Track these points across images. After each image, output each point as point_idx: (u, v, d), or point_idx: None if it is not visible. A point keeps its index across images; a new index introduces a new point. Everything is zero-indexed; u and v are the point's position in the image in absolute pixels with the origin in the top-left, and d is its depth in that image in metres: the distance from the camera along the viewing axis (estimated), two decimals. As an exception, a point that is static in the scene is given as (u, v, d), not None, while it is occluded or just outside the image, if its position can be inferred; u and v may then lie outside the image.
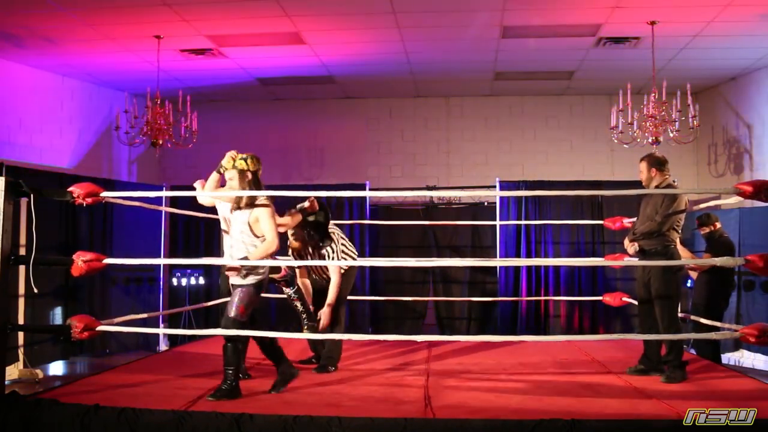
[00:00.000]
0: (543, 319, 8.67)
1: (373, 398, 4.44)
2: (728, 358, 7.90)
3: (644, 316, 5.44)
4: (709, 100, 9.63)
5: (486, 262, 7.74)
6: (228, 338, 4.34)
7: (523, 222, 8.64)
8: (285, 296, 5.32)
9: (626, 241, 5.44)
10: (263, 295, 4.77)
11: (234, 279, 4.43)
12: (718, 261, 4.24)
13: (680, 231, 5.31)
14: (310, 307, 5.41)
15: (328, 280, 5.34)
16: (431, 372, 5.35)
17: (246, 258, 4.37)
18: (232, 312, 4.36)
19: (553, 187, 8.36)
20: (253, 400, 4.36)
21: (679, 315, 5.55)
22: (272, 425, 3.66)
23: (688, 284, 7.36)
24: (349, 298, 8.43)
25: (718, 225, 6.73)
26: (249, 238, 4.41)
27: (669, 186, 5.38)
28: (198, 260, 4.71)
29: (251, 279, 4.38)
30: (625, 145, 7.81)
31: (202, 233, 9.14)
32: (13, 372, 6.72)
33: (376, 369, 5.52)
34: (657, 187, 5.31)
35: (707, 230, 6.74)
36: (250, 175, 4.45)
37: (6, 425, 3.82)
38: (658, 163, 5.35)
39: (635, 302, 7.19)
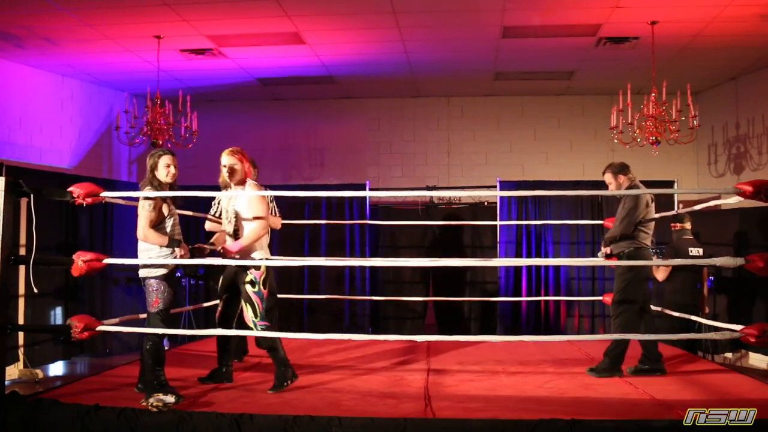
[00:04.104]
0: (543, 319, 8.67)
1: (373, 398, 4.44)
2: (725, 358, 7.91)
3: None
4: (709, 100, 9.63)
5: (486, 262, 7.72)
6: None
7: (523, 222, 8.63)
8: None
9: (602, 245, 5.57)
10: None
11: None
12: (718, 261, 4.23)
13: (648, 230, 5.35)
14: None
15: None
16: (431, 371, 5.35)
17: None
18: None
19: (553, 187, 8.35)
20: (253, 400, 4.37)
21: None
22: (272, 425, 3.67)
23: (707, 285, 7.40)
24: (349, 298, 8.53)
25: (681, 226, 6.96)
26: None
27: (631, 187, 5.40)
28: (198, 260, 4.70)
29: None
30: (625, 145, 7.81)
31: (202, 233, 9.14)
32: (13, 372, 6.72)
33: (376, 369, 5.52)
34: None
35: (674, 227, 7.01)
36: None
37: (6, 425, 3.82)
38: (621, 169, 5.45)
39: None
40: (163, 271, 4.38)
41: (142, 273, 4.44)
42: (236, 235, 4.68)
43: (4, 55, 8.12)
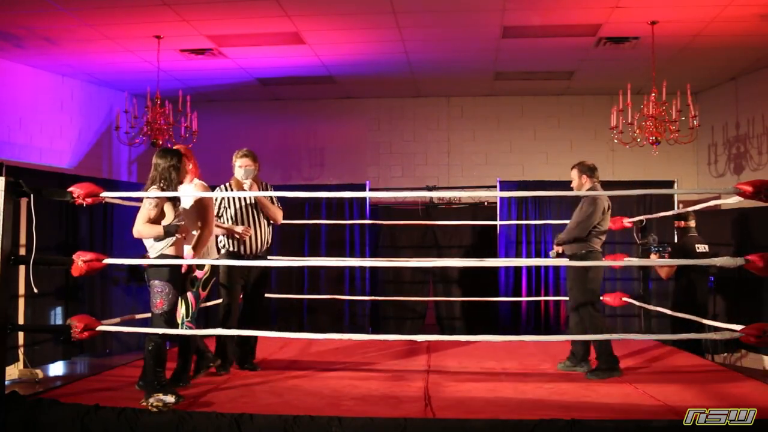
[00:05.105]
0: (543, 319, 8.66)
1: (373, 398, 4.44)
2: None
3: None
4: (709, 100, 9.63)
5: (486, 262, 7.71)
6: None
7: (523, 222, 8.63)
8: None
9: (554, 244, 5.71)
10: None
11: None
12: (718, 261, 4.23)
13: (602, 236, 5.48)
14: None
15: None
16: (431, 372, 5.36)
17: None
18: None
19: (553, 187, 8.33)
20: (253, 400, 4.37)
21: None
22: (272, 425, 3.67)
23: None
24: (349, 298, 8.53)
25: (686, 224, 7.02)
26: None
27: (590, 191, 5.50)
28: (198, 260, 4.70)
29: None
30: (625, 145, 7.81)
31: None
32: (13, 372, 6.72)
33: (376, 369, 5.52)
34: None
35: (678, 225, 7.11)
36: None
37: (6, 425, 3.82)
38: (588, 170, 5.56)
39: (635, 302, 7.24)
40: (168, 273, 4.34)
41: (148, 274, 4.42)
42: None
43: (4, 55, 8.12)
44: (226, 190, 5.38)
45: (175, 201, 4.44)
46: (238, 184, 5.34)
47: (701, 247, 6.89)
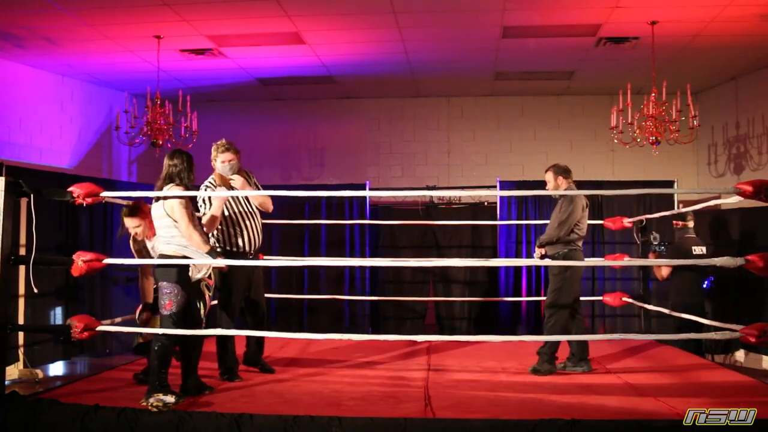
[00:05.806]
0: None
1: (373, 398, 4.44)
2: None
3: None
4: (709, 100, 9.63)
5: (486, 262, 7.72)
6: None
7: (523, 222, 8.63)
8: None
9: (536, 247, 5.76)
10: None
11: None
12: (718, 261, 4.23)
13: (583, 234, 5.55)
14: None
15: None
16: (431, 372, 5.36)
17: None
18: None
19: (552, 187, 8.34)
20: (253, 400, 4.37)
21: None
22: (272, 425, 3.67)
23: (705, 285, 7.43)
24: (349, 298, 8.53)
25: (683, 224, 7.02)
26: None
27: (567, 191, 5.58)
28: (199, 260, 4.70)
29: None
30: (625, 145, 7.81)
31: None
32: (13, 372, 6.72)
33: (376, 369, 5.53)
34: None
35: (676, 225, 7.08)
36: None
37: (6, 425, 3.82)
38: (563, 172, 5.69)
39: (635, 302, 7.24)
40: (175, 274, 4.33)
41: (156, 275, 4.41)
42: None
43: (4, 55, 8.12)
44: (213, 186, 5.12)
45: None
46: (223, 180, 5.12)
47: (698, 249, 6.87)
